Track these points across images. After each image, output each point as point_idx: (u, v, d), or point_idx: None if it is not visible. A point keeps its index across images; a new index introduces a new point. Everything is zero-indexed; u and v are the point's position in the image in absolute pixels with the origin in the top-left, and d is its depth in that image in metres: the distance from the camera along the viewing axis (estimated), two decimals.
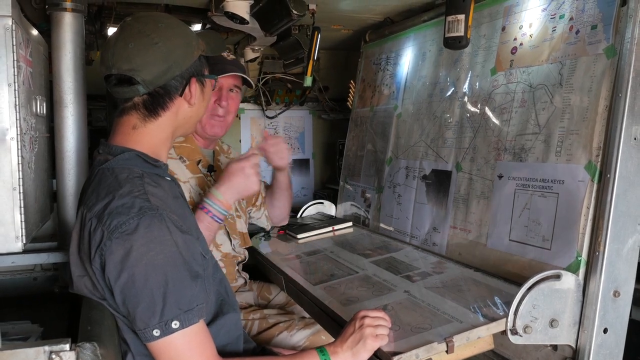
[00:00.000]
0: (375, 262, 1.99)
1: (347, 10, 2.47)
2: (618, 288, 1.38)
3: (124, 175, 1.24)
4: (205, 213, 1.79)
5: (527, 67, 1.72)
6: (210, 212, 1.79)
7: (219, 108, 2.02)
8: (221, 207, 1.80)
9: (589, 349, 1.38)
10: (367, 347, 1.29)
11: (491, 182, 1.79)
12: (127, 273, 1.13)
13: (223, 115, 2.04)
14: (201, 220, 1.77)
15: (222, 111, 2.03)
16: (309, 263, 2.10)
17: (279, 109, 3.48)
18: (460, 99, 2.02)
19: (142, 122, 1.31)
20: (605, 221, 1.37)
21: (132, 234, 1.14)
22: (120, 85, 1.27)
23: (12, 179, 1.41)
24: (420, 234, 2.13)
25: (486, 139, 1.84)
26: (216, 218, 1.80)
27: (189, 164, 2.02)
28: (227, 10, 2.03)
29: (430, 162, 2.15)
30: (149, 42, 1.25)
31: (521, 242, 1.63)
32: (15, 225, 1.43)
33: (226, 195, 1.81)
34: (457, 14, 1.80)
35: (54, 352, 1.09)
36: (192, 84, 1.33)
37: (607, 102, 1.43)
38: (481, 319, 1.39)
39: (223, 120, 2.05)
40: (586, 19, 1.53)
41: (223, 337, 1.36)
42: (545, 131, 1.61)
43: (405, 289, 1.68)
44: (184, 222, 1.22)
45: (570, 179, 1.49)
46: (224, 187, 1.81)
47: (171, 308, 1.14)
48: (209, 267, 1.33)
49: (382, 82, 2.62)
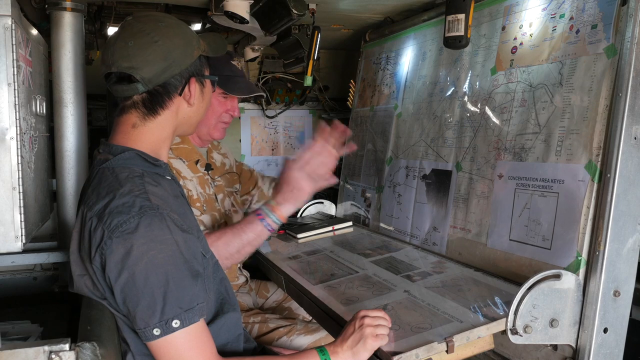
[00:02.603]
0: (375, 262, 1.99)
1: (347, 10, 2.47)
2: (618, 288, 1.38)
3: (124, 175, 1.24)
4: (256, 216, 1.75)
5: (528, 66, 1.72)
6: (262, 216, 1.74)
7: (229, 116, 2.08)
8: (277, 217, 1.74)
9: (589, 348, 1.38)
10: (367, 347, 1.29)
11: (491, 181, 1.79)
12: (128, 272, 1.13)
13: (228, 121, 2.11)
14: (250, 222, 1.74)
15: (229, 119, 2.10)
16: (309, 263, 2.09)
17: (279, 108, 3.48)
18: (460, 99, 2.02)
19: (142, 121, 1.31)
20: (605, 221, 1.37)
21: (132, 233, 1.14)
22: (119, 83, 1.28)
23: (11, 178, 1.41)
24: (420, 234, 2.13)
25: (486, 139, 1.84)
26: (269, 227, 1.74)
27: (189, 164, 2.02)
28: (227, 9, 2.03)
29: (430, 161, 2.15)
30: (149, 40, 1.25)
31: (521, 241, 1.63)
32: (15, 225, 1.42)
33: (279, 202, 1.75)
34: (457, 13, 1.80)
35: (54, 352, 1.09)
36: (192, 84, 1.34)
37: (607, 102, 1.42)
38: (481, 318, 1.39)
39: (227, 125, 2.12)
40: (586, 19, 1.53)
41: (223, 336, 1.36)
42: (545, 131, 1.61)
43: (405, 289, 1.68)
44: (184, 221, 1.23)
45: (570, 178, 1.49)
46: (279, 196, 1.75)
47: (172, 307, 1.14)
48: (209, 266, 1.33)
49: (382, 82, 2.62)
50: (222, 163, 2.25)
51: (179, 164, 1.98)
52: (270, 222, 1.73)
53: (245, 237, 1.74)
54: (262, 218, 1.73)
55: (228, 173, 2.26)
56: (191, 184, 1.98)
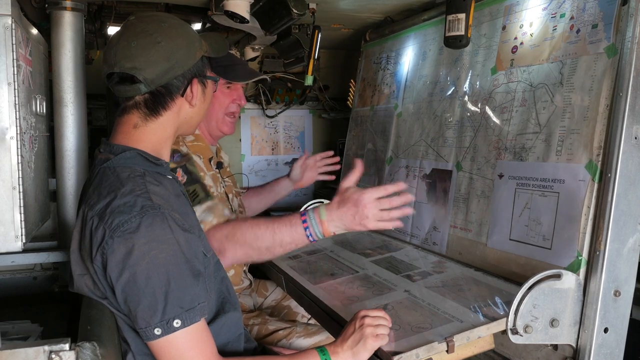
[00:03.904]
0: (375, 262, 1.99)
1: (348, 10, 2.47)
2: (619, 287, 1.38)
3: (125, 174, 1.24)
4: (301, 220, 1.56)
5: (528, 66, 1.72)
6: (307, 224, 1.55)
7: (236, 106, 2.06)
8: (321, 230, 1.55)
9: (589, 348, 1.38)
10: (367, 347, 1.29)
11: (491, 181, 1.79)
12: (129, 272, 1.13)
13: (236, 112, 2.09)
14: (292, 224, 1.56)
15: (237, 108, 2.07)
16: (309, 262, 2.09)
17: (279, 108, 3.48)
18: (460, 98, 2.02)
19: (144, 121, 1.31)
20: (605, 220, 1.37)
21: (134, 233, 1.14)
22: (122, 83, 1.27)
23: (11, 178, 1.41)
24: (420, 234, 2.13)
25: (487, 139, 1.84)
26: (310, 236, 1.56)
27: (204, 161, 2.03)
28: (227, 9, 2.03)
29: (430, 161, 2.14)
30: (152, 41, 1.25)
31: (522, 241, 1.63)
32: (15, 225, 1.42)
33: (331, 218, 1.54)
34: (458, 12, 1.80)
35: (54, 352, 1.09)
36: (194, 85, 1.34)
37: (607, 102, 1.42)
38: (481, 318, 1.39)
39: (234, 118, 2.10)
40: (587, 18, 1.53)
41: (224, 335, 1.36)
42: (545, 130, 1.61)
43: (405, 289, 1.68)
44: (186, 221, 1.23)
45: (570, 178, 1.49)
46: (333, 210, 1.54)
47: (173, 307, 1.14)
48: (210, 266, 1.33)
49: (383, 82, 2.62)
50: (228, 164, 2.26)
51: (197, 159, 1.98)
52: (312, 233, 1.55)
53: (280, 237, 1.58)
54: (307, 227, 1.55)
55: (230, 175, 2.27)
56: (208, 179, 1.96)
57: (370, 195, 1.50)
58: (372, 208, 1.50)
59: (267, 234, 1.59)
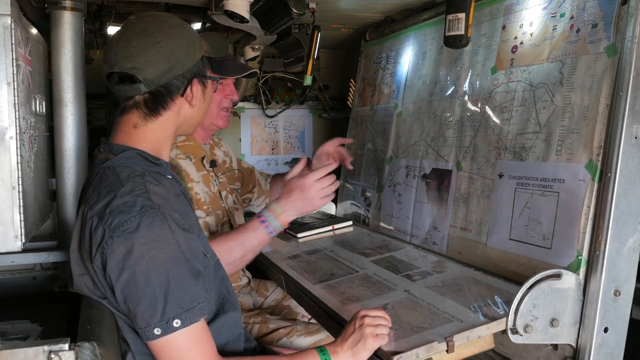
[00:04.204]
0: (375, 262, 1.98)
1: (347, 9, 2.47)
2: (619, 287, 1.38)
3: (125, 174, 1.24)
4: (260, 222, 1.73)
5: (528, 65, 1.72)
6: (267, 223, 1.73)
7: (229, 101, 2.08)
8: (279, 222, 1.74)
9: (589, 348, 1.38)
10: (367, 347, 1.29)
11: (491, 181, 1.79)
12: (129, 272, 1.13)
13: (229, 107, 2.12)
14: (254, 229, 1.73)
15: (230, 103, 2.10)
16: (309, 262, 2.09)
17: (278, 107, 3.47)
18: (460, 98, 2.02)
19: (143, 121, 1.31)
20: (605, 220, 1.37)
21: (133, 233, 1.14)
22: (122, 83, 1.27)
23: (11, 178, 1.42)
24: (420, 233, 2.13)
25: (486, 138, 1.84)
26: (272, 232, 1.74)
27: (195, 161, 2.03)
28: (227, 9, 2.02)
29: (430, 161, 2.14)
30: (152, 41, 1.25)
31: (521, 241, 1.63)
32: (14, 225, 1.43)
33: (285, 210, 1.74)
34: (458, 12, 1.80)
35: (53, 352, 1.09)
36: (194, 85, 1.34)
37: (607, 101, 1.42)
38: (481, 318, 1.39)
39: (228, 112, 2.13)
40: (587, 18, 1.53)
41: (224, 335, 1.36)
42: (545, 130, 1.61)
43: (405, 288, 1.67)
44: (185, 220, 1.22)
45: (570, 178, 1.49)
46: (283, 202, 1.75)
47: (172, 307, 1.14)
48: (210, 265, 1.33)
49: (383, 81, 2.62)
50: (223, 160, 2.25)
51: (187, 164, 1.98)
52: (274, 229, 1.73)
53: (249, 244, 1.73)
54: (267, 225, 1.73)
55: (229, 171, 2.27)
56: (198, 187, 1.98)
57: (310, 180, 1.75)
58: (316, 189, 1.74)
59: (238, 246, 1.74)
